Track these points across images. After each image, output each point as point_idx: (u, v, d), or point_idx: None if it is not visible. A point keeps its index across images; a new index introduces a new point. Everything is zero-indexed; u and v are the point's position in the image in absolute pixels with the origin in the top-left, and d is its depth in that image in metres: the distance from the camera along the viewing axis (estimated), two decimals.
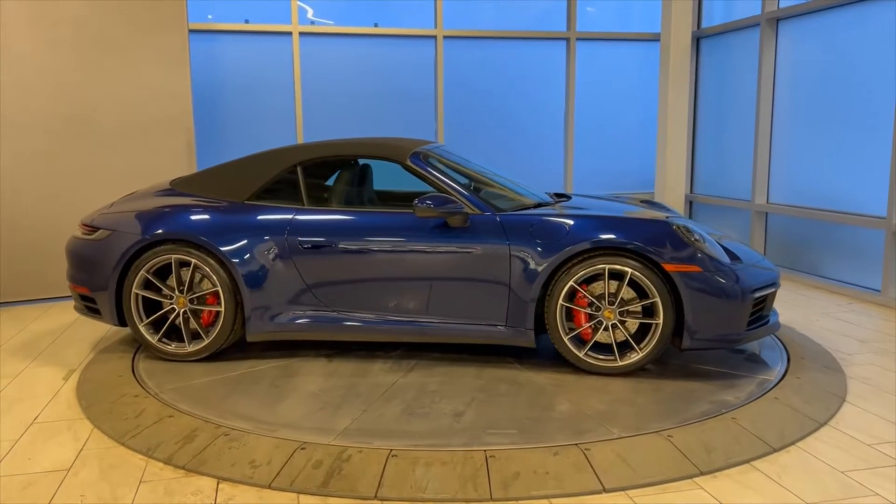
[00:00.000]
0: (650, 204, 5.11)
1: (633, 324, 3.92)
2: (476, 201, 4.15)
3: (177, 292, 4.24)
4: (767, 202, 7.08)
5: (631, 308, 3.88)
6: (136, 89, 6.09)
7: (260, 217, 4.28)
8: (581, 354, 3.94)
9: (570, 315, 3.97)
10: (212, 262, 4.17)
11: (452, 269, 4.05)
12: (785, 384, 3.84)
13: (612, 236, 3.84)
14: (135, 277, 4.23)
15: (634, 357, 3.89)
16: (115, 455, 3.18)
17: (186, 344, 4.28)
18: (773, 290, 4.04)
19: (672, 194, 8.01)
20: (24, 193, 5.86)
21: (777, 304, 5.57)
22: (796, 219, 6.77)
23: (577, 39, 8.02)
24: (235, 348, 4.50)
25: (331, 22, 7.54)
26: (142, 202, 4.53)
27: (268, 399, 3.74)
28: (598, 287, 3.90)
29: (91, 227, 4.45)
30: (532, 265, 3.91)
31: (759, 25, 6.97)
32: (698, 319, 3.77)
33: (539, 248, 3.91)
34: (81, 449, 3.24)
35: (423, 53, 7.71)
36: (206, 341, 4.24)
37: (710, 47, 8.00)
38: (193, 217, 4.29)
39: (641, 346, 3.87)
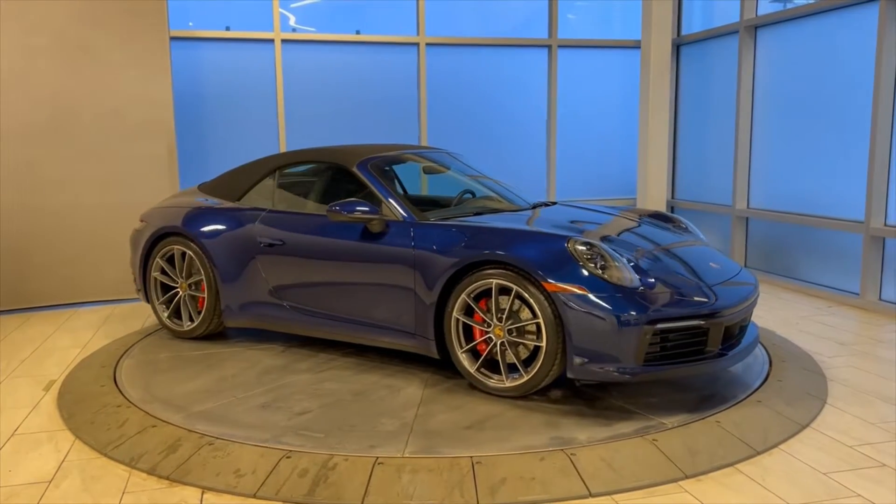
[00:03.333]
0: (657, 216, 4.73)
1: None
2: (402, 209, 4.16)
3: (180, 278, 4.82)
4: (748, 207, 7.16)
5: (526, 327, 3.58)
6: (116, 96, 6.04)
7: (237, 216, 4.73)
8: (472, 370, 3.76)
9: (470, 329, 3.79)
10: (200, 253, 4.70)
11: (372, 273, 4.12)
12: (767, 387, 3.87)
13: (488, 250, 3.64)
14: (153, 263, 4.91)
15: (521, 380, 3.59)
16: (97, 466, 3.14)
17: (183, 323, 4.86)
18: (699, 322, 3.48)
19: (654, 200, 8.07)
20: (3, 202, 5.78)
21: (758, 308, 5.63)
22: (776, 223, 6.85)
23: (559, 46, 8.07)
24: (236, 331, 5.05)
25: (313, 29, 7.53)
26: (171, 200, 5.23)
27: (186, 377, 4.18)
28: (502, 301, 3.63)
29: (141, 220, 5.15)
30: (430, 275, 3.84)
31: (738, 33, 7.05)
32: (580, 346, 3.41)
33: (437, 258, 3.82)
34: (63, 460, 3.20)
35: (405, 60, 7.71)
36: (195, 323, 4.80)
37: (690, 54, 8.09)
38: (189, 215, 4.85)
39: (529, 368, 3.58)
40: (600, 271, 3.47)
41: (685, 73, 8.17)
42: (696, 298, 3.57)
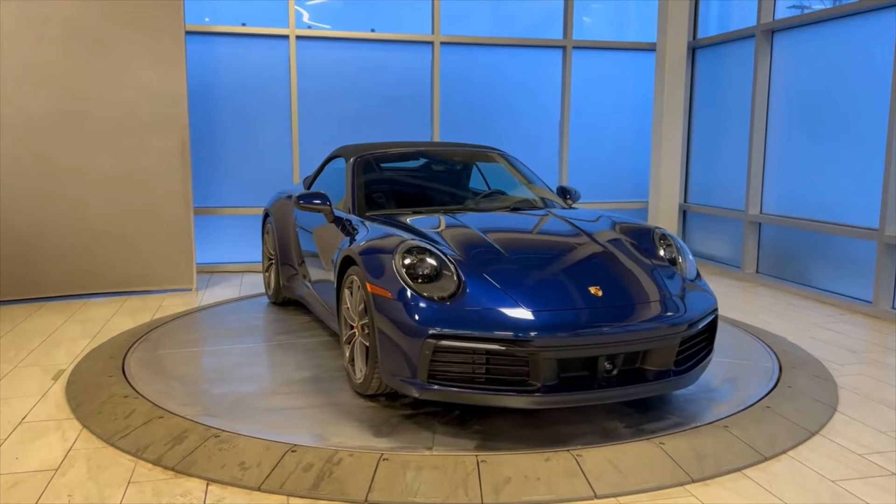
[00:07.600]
0: (642, 230, 4.03)
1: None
2: (352, 203, 4.47)
3: (271, 252, 5.70)
4: (761, 212, 7.11)
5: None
6: (130, 90, 6.06)
7: (296, 203, 5.01)
8: (346, 361, 3.82)
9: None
10: (273, 233, 5.55)
11: (323, 260, 4.50)
12: (776, 393, 3.83)
13: (353, 247, 3.71)
14: (264, 238, 5.93)
15: (360, 379, 3.62)
16: (103, 455, 3.16)
17: (269, 290, 5.81)
18: (497, 346, 3.09)
19: (666, 203, 8.04)
20: (15, 193, 5.82)
21: (768, 314, 5.61)
22: (789, 229, 6.80)
23: (574, 48, 8.05)
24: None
25: (328, 26, 7.54)
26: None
27: (197, 329, 5.12)
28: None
29: None
30: (335, 267, 4.01)
31: (755, 37, 7.01)
32: (382, 351, 3.32)
33: (339, 252, 3.99)
34: (70, 449, 3.22)
35: (419, 59, 7.71)
36: (270, 291, 5.76)
37: (706, 58, 8.05)
38: (277, 200, 5.68)
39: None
40: (410, 279, 3.31)
41: (700, 77, 8.13)
42: (506, 322, 3.14)
